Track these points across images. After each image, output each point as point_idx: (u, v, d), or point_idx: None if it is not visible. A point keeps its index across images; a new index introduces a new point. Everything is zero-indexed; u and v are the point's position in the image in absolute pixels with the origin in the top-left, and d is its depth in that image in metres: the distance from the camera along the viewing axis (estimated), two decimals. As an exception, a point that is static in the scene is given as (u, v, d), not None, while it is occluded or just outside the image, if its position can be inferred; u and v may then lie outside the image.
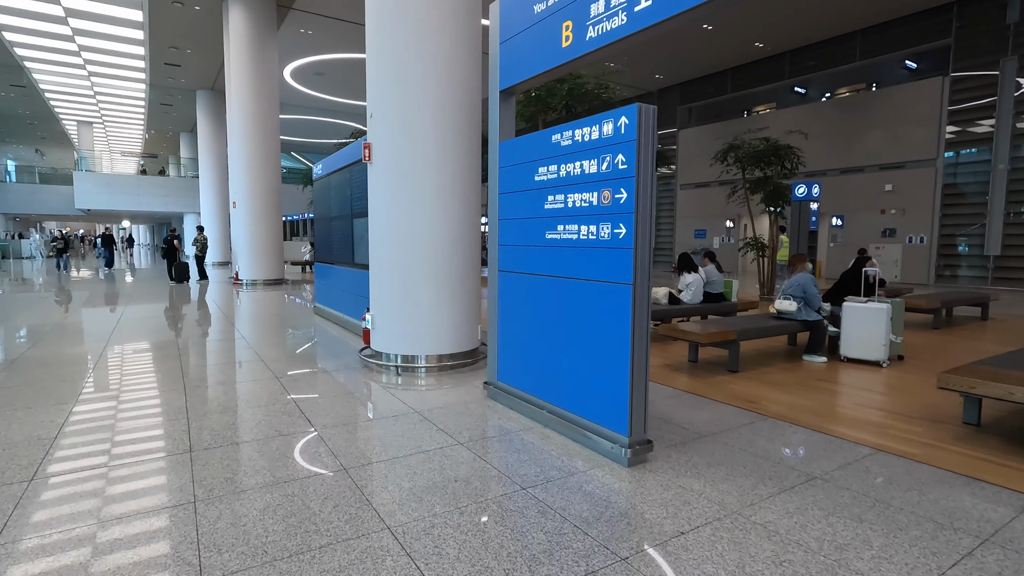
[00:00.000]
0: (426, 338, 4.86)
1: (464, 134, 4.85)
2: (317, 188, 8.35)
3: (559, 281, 3.28)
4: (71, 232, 29.60)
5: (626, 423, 2.83)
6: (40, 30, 15.51)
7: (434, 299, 4.81)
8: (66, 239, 20.29)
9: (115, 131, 30.52)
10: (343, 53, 17.19)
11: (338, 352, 5.70)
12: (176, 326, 7.31)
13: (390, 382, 4.55)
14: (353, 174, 6.56)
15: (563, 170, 3.22)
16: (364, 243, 6.32)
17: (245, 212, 13.26)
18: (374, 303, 5.10)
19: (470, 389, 4.30)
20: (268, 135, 13.35)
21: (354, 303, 6.76)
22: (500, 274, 3.90)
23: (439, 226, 4.77)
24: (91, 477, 2.67)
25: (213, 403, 3.88)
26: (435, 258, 4.79)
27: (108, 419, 3.52)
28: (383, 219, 4.87)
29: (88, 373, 4.71)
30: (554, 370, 3.36)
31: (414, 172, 4.69)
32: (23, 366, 4.95)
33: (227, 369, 4.94)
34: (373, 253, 5.08)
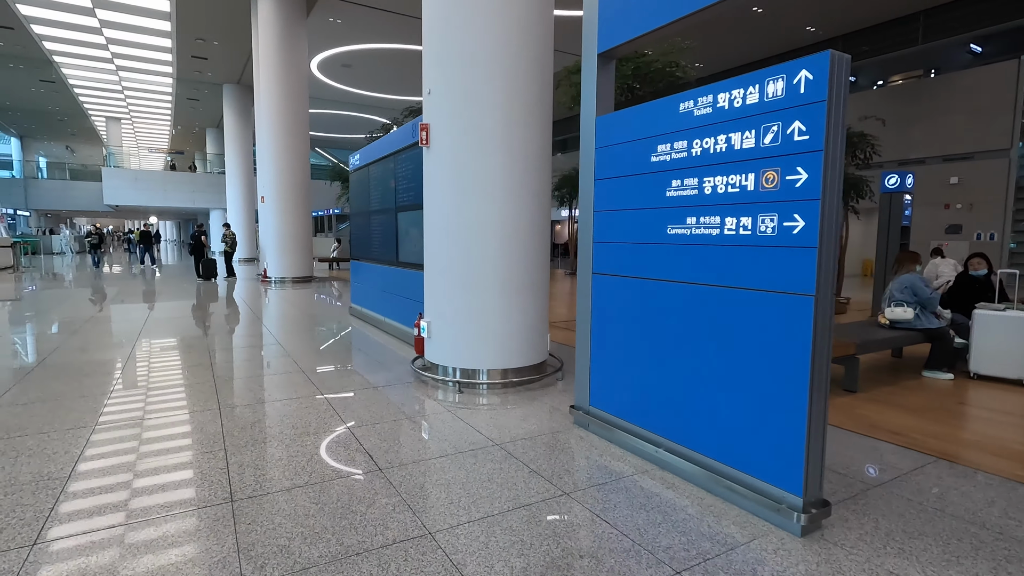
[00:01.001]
0: (490, 350, 4.21)
1: (535, 112, 4.17)
2: (354, 180, 7.76)
3: (690, 289, 2.58)
4: (103, 228, 29.68)
5: (800, 479, 2.14)
6: (68, 22, 15.26)
7: (501, 304, 4.16)
8: (101, 235, 20.04)
9: (143, 127, 30.57)
10: (372, 43, 16.64)
11: (384, 361, 5.08)
12: (206, 331, 6.79)
13: (451, 401, 3.91)
14: (398, 163, 5.94)
15: (697, 147, 2.52)
16: (410, 239, 5.69)
17: (274, 207, 12.79)
18: (430, 308, 4.47)
19: (550, 413, 3.63)
20: (297, 127, 12.85)
21: (397, 305, 6.15)
22: (595, 278, 3.22)
23: (508, 219, 4.11)
24: (108, 542, 2.07)
25: (254, 430, 3.28)
26: (503, 256, 4.13)
27: (131, 450, 2.94)
28: (442, 212, 4.23)
29: (111, 387, 4.17)
30: (679, 400, 2.67)
31: (480, 156, 4.03)
32: (41, 377, 4.43)
33: (266, 385, 4.35)
34: (429, 251, 4.44)
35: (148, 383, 4.28)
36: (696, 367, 2.57)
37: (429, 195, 4.39)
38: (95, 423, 3.34)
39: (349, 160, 7.92)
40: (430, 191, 4.37)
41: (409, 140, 5.59)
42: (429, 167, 4.33)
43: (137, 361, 5.00)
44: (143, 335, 6.24)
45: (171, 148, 35.65)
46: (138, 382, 4.30)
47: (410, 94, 21.27)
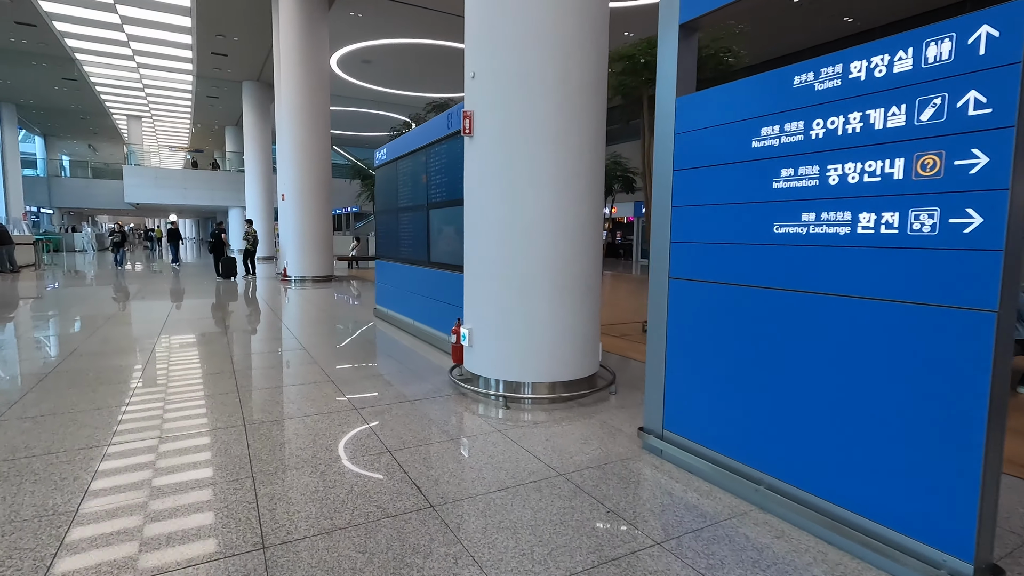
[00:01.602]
0: (539, 361, 3.81)
1: (591, 96, 3.76)
2: (380, 176, 7.41)
3: (809, 299, 2.15)
4: (124, 226, 29.92)
5: (971, 540, 1.71)
6: (89, 18, 15.17)
7: (552, 310, 3.76)
8: (124, 232, 19.94)
9: (163, 125, 30.69)
10: (392, 38, 16.32)
11: (418, 370, 4.71)
12: (227, 335, 6.48)
13: (497, 417, 3.52)
14: (431, 156, 5.56)
15: (819, 128, 2.09)
16: (444, 238, 5.31)
17: (294, 205, 12.53)
18: (471, 314, 4.08)
19: (611, 435, 3.22)
20: (318, 123, 12.57)
21: (428, 309, 5.78)
22: (672, 283, 2.80)
23: (560, 215, 3.71)
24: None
25: (284, 453, 2.91)
26: (554, 257, 3.73)
27: (146, 480, 2.59)
28: (486, 208, 3.84)
29: (127, 397, 3.84)
30: (789, 431, 2.25)
31: (531, 146, 3.63)
32: (56, 384, 4.12)
33: (293, 397, 4.00)
34: (470, 251, 4.06)
35: (167, 393, 3.95)
36: (816, 393, 2.14)
37: (471, 190, 4.00)
38: (108, 442, 3.01)
39: (375, 155, 7.58)
40: (472, 185, 3.98)
41: (443, 131, 5.21)
42: (472, 159, 3.94)
43: (155, 367, 4.68)
44: (162, 338, 5.95)
45: (191, 147, 35.83)
46: (156, 392, 3.97)
47: (431, 90, 20.94)
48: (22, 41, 17.43)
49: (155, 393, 3.94)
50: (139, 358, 5.01)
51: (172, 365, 4.78)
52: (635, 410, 3.66)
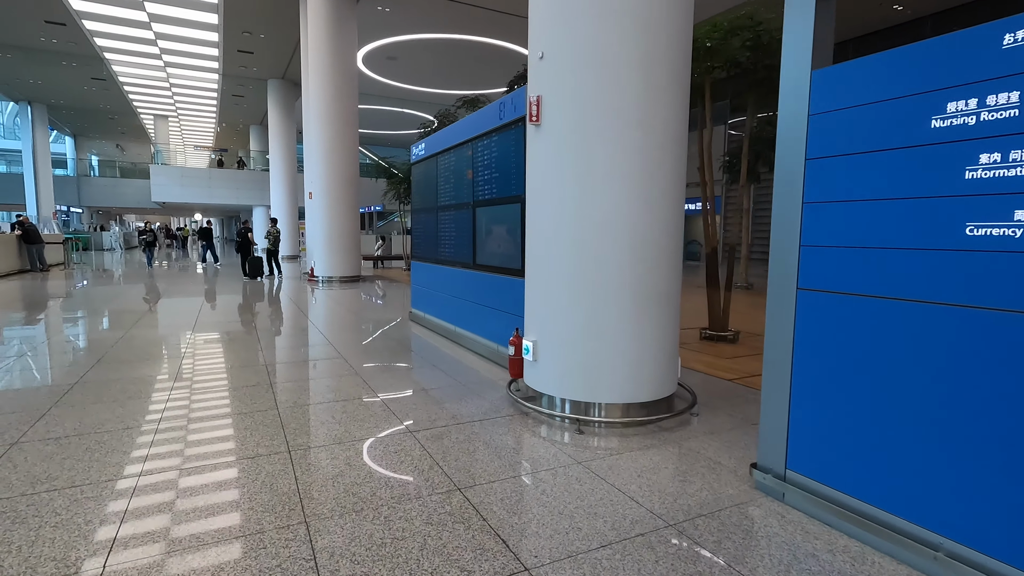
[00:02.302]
0: (614, 379, 3.36)
1: (678, 77, 3.30)
2: (417, 173, 7.02)
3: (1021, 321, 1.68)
4: (154, 224, 30.13)
5: None
6: (117, 16, 15.10)
7: (629, 322, 3.31)
8: (155, 232, 19.47)
9: (189, 125, 30.90)
10: (419, 33, 15.96)
11: (469, 383, 4.29)
12: (260, 341, 6.15)
13: (570, 444, 3.08)
14: (478, 150, 5.14)
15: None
16: (493, 239, 4.89)
17: (321, 204, 12.24)
18: (534, 324, 3.64)
19: (712, 470, 2.76)
20: (346, 119, 12.27)
21: (474, 315, 5.37)
22: (803, 295, 2.33)
23: (642, 214, 3.25)
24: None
25: (338, 489, 2.51)
26: (634, 261, 3.28)
27: (183, 517, 2.21)
28: (554, 206, 3.40)
29: (159, 414, 3.49)
30: (986, 488, 1.77)
31: (611, 135, 3.18)
32: (81, 397, 3.80)
33: (339, 415, 3.61)
34: (533, 254, 3.62)
35: (199, 409, 3.59)
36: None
37: (535, 184, 3.56)
38: (140, 472, 2.64)
39: (411, 151, 7.19)
40: (537, 180, 3.54)
41: (494, 122, 4.78)
42: (538, 150, 3.50)
43: (187, 379, 4.35)
44: (191, 344, 5.64)
45: (216, 146, 36.08)
46: (190, 408, 3.62)
47: (456, 87, 20.57)
48: (52, 41, 17.50)
49: (187, 410, 3.59)
50: (168, 367, 4.68)
51: (204, 376, 4.44)
52: (726, 437, 3.19)
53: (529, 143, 3.60)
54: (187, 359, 4.98)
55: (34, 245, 14.58)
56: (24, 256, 14.39)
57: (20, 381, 4.24)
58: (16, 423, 3.29)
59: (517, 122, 4.38)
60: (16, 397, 3.82)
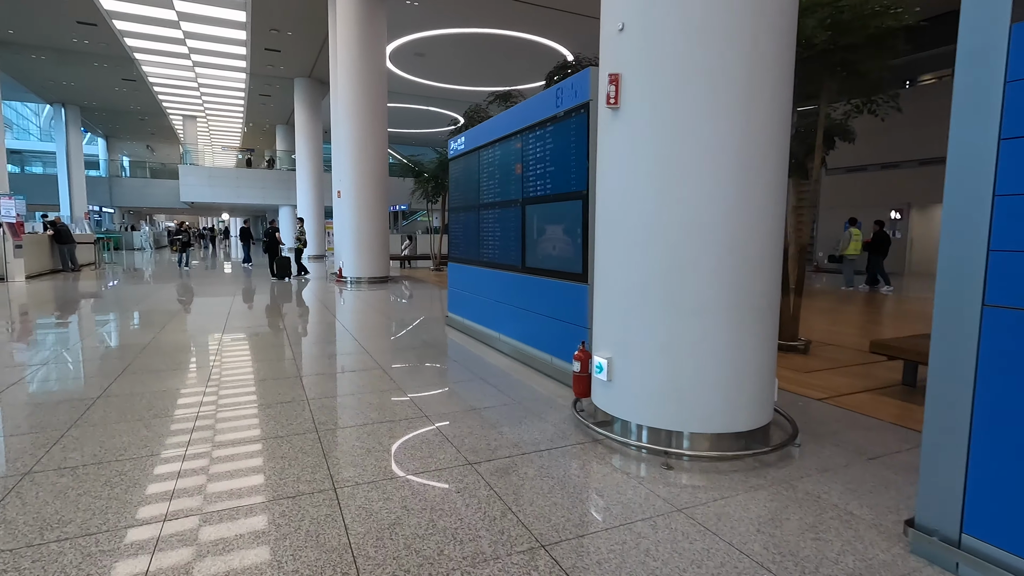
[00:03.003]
0: (704, 404, 2.88)
1: (786, 43, 2.81)
2: (456, 169, 6.60)
3: None
4: (183, 223, 30.48)
5: None
6: (147, 15, 15.05)
7: (725, 338, 2.82)
8: (189, 233, 18.44)
9: (217, 125, 31.12)
10: (449, 28, 15.58)
11: (524, 401, 3.84)
12: (293, 349, 5.80)
13: (657, 480, 2.61)
14: (529, 143, 4.69)
15: None
16: (548, 239, 4.43)
17: (350, 203, 11.94)
18: (607, 339, 3.17)
19: (846, 522, 2.26)
20: (375, 117, 11.93)
21: (522, 323, 4.92)
22: (992, 313, 1.81)
23: (743, 213, 2.76)
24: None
25: (396, 542, 2.08)
26: (732, 267, 2.79)
27: (211, 563, 1.81)
28: (632, 203, 2.92)
29: (186, 438, 3.12)
30: None
31: (707, 120, 2.70)
32: (103, 415, 3.46)
33: (385, 439, 3.19)
34: (607, 257, 3.15)
35: (232, 430, 3.22)
36: None
37: (609, 179, 3.10)
38: (164, 515, 2.25)
39: (449, 145, 6.78)
40: (612, 173, 3.08)
41: (549, 111, 4.32)
42: (614, 138, 3.03)
43: (215, 392, 3.99)
44: (221, 352, 5.30)
45: (243, 146, 36.36)
46: (220, 429, 3.24)
47: (486, 84, 20.17)
48: (84, 41, 17.60)
49: (218, 431, 3.21)
50: (197, 379, 4.34)
51: (234, 389, 4.08)
52: (846, 476, 2.68)
53: (603, 130, 3.14)
54: (216, 369, 4.64)
55: (66, 245, 14.61)
56: (56, 256, 14.43)
57: (41, 394, 3.93)
58: (31, 446, 2.95)
59: (579, 109, 3.92)
60: (35, 413, 3.49)
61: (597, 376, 3.21)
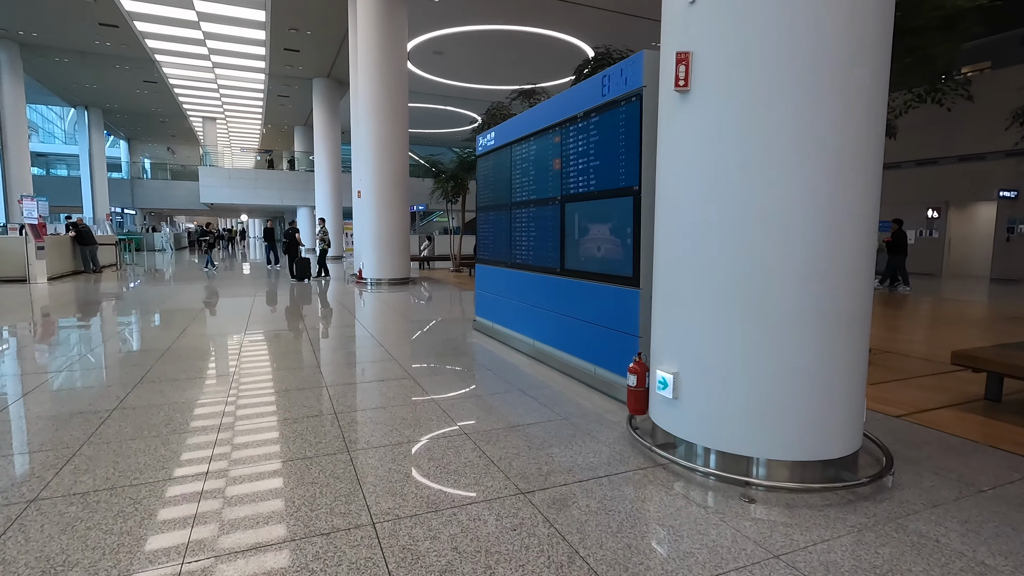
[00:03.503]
0: (787, 427, 2.52)
1: (885, 14, 2.44)
2: (484, 167, 6.30)
3: None
4: (205, 224, 30.62)
5: None
6: (167, 16, 15.02)
7: (812, 354, 2.46)
8: (214, 234, 17.61)
9: (236, 127, 31.29)
10: (469, 25, 15.31)
11: (571, 416, 3.51)
12: (318, 356, 5.55)
13: (736, 516, 2.26)
14: (569, 136, 4.36)
15: None
16: (594, 240, 4.10)
17: (371, 203, 11.71)
18: (672, 351, 2.83)
19: (979, 575, 1.90)
20: (396, 115, 11.69)
21: (562, 330, 4.59)
22: None
23: (835, 211, 2.41)
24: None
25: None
26: (821, 272, 2.43)
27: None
28: (708, 197, 2.58)
29: (206, 453, 2.85)
30: None
31: (798, 104, 2.35)
32: (117, 430, 3.21)
33: (425, 463, 2.89)
34: (669, 259, 2.81)
35: (255, 446, 2.94)
36: None
37: (673, 173, 2.76)
38: (182, 556, 1.97)
39: (477, 141, 6.49)
40: (676, 166, 2.74)
41: (595, 100, 3.99)
42: (680, 126, 2.69)
43: (238, 404, 3.72)
44: (243, 359, 5.06)
45: (261, 147, 36.54)
46: (241, 450, 2.96)
47: (503, 83, 19.88)
48: (106, 44, 17.66)
49: (240, 450, 2.93)
50: (217, 388, 4.08)
51: (257, 400, 3.81)
52: (961, 514, 2.31)
53: (667, 118, 2.80)
54: (237, 377, 4.38)
55: (87, 247, 14.61)
56: (78, 257, 14.44)
57: (54, 404, 3.70)
58: (40, 467, 2.70)
59: (630, 97, 3.58)
60: (47, 427, 3.26)
61: (659, 393, 2.87)
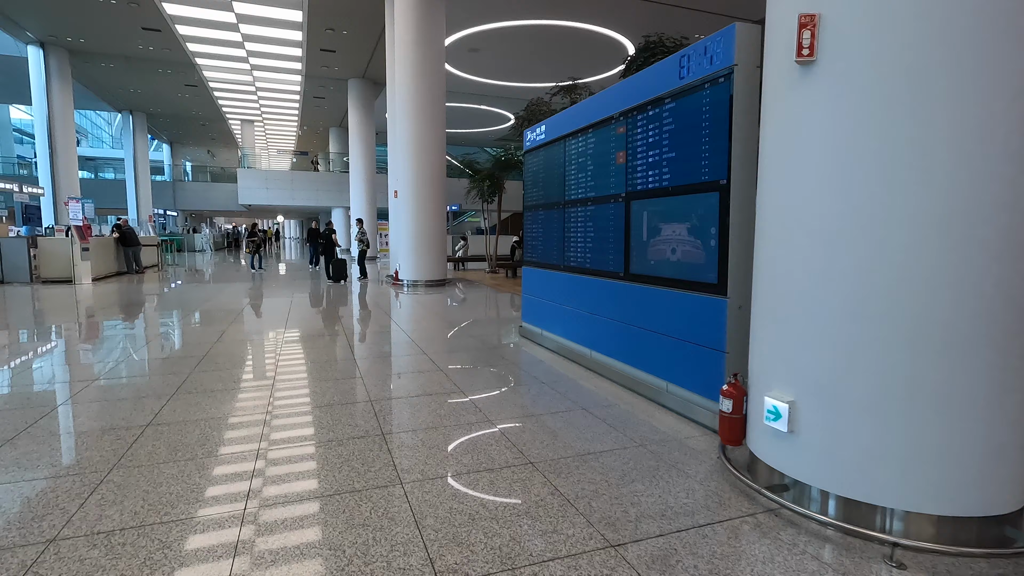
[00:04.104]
0: (938, 472, 2.04)
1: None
2: (534, 163, 5.90)
3: None
4: (239, 225, 31.25)
5: None
6: (207, 19, 15.13)
7: (979, 384, 1.98)
8: (261, 235, 17.10)
9: (272, 129, 31.75)
10: (507, 20, 14.95)
11: (647, 443, 3.08)
12: (358, 365, 5.25)
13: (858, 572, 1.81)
14: (637, 125, 3.93)
15: None
16: (667, 241, 3.66)
17: (407, 203, 11.45)
18: (786, 372, 2.37)
19: None
20: (434, 112, 11.40)
21: (627, 341, 4.15)
22: None
23: (1015, 206, 1.92)
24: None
25: None
26: (996, 284, 1.95)
27: None
28: (845, 189, 2.12)
29: (243, 484, 2.53)
30: None
31: (967, 69, 1.88)
32: (149, 452, 2.93)
33: (487, 498, 2.51)
34: (785, 264, 2.36)
35: (298, 484, 2.61)
36: None
37: (790, 161, 2.30)
38: (216, 626, 1.63)
39: (525, 136, 6.09)
40: (788, 157, 2.28)
41: (671, 83, 3.54)
42: (801, 105, 2.23)
43: (278, 420, 3.42)
44: (281, 367, 4.79)
45: (297, 149, 37.04)
46: (283, 480, 2.64)
47: (540, 80, 19.47)
48: (149, 48, 17.98)
49: (279, 483, 2.61)
50: (256, 402, 3.80)
51: (297, 417, 3.50)
52: None
53: (779, 98, 2.35)
54: (277, 390, 4.10)
55: (131, 248, 14.83)
56: (121, 258, 14.66)
57: (87, 418, 3.47)
58: (65, 496, 2.42)
59: (716, 78, 3.13)
60: (77, 445, 3.01)
61: (768, 424, 2.42)
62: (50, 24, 16.25)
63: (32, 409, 3.60)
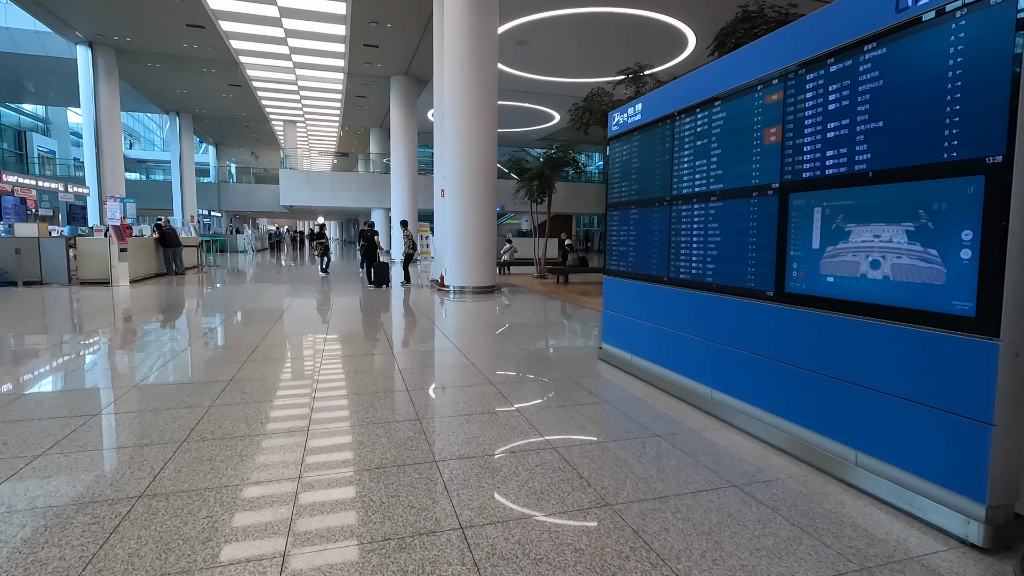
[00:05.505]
0: None
1: None
2: (622, 151, 4.87)
3: None
4: (286, 227, 31.28)
5: None
6: (250, 13, 14.69)
7: None
8: (327, 240, 16.26)
9: (315, 129, 31.64)
10: (559, 9, 13.94)
11: (864, 559, 2.01)
12: (406, 382, 4.32)
13: None
14: (806, 88, 2.85)
15: None
16: (865, 248, 2.55)
17: (455, 204, 10.57)
18: None
19: None
20: (486, 107, 10.48)
21: (784, 385, 3.06)
22: None
23: None
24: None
25: None
26: None
27: None
28: None
29: (283, 530, 1.60)
30: None
31: None
32: (180, 478, 2.03)
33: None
34: None
35: (342, 510, 1.66)
36: None
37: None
38: None
39: (610, 119, 5.07)
40: None
41: (875, 21, 2.45)
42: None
43: (318, 446, 2.49)
44: (320, 384, 3.89)
45: (338, 149, 36.97)
46: (324, 517, 1.69)
47: (590, 75, 18.40)
48: (193, 46, 17.77)
49: (320, 515, 1.66)
50: (292, 423, 2.89)
51: (338, 442, 2.57)
52: None
53: None
54: (317, 411, 3.20)
55: (171, 248, 14.47)
56: (161, 259, 14.31)
57: (107, 442, 2.65)
58: (80, 536, 1.63)
59: (970, 6, 2.04)
60: (98, 478, 2.15)
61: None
62: (97, 22, 16.17)
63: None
